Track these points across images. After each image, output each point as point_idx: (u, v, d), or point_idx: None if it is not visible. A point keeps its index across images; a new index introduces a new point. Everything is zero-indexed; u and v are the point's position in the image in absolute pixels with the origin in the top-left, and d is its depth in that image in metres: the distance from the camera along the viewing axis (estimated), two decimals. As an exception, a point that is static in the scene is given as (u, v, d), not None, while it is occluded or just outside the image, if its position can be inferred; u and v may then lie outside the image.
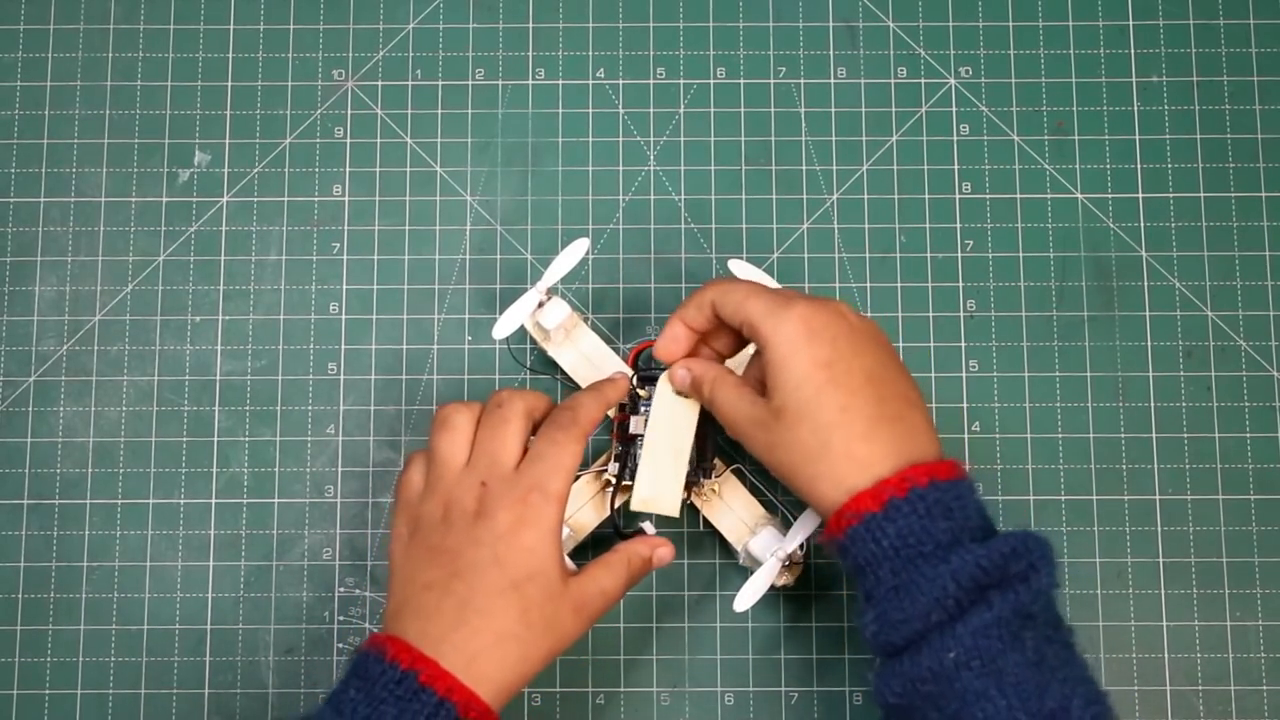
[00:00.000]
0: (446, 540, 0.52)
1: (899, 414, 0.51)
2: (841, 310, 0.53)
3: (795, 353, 0.51)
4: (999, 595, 0.47)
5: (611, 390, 0.57)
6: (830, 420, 0.50)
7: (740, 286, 0.54)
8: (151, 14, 0.67)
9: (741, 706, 0.62)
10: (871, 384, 0.51)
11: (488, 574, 0.51)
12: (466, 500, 0.53)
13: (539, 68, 0.67)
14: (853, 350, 0.51)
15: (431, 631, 0.51)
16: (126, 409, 0.64)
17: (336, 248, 0.66)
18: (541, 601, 0.52)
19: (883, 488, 0.49)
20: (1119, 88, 0.67)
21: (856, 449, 0.50)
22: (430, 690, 0.49)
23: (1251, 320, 0.65)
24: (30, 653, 0.62)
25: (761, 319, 0.52)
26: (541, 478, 0.53)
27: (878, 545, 0.49)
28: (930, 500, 0.49)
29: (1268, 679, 0.62)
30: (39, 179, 0.66)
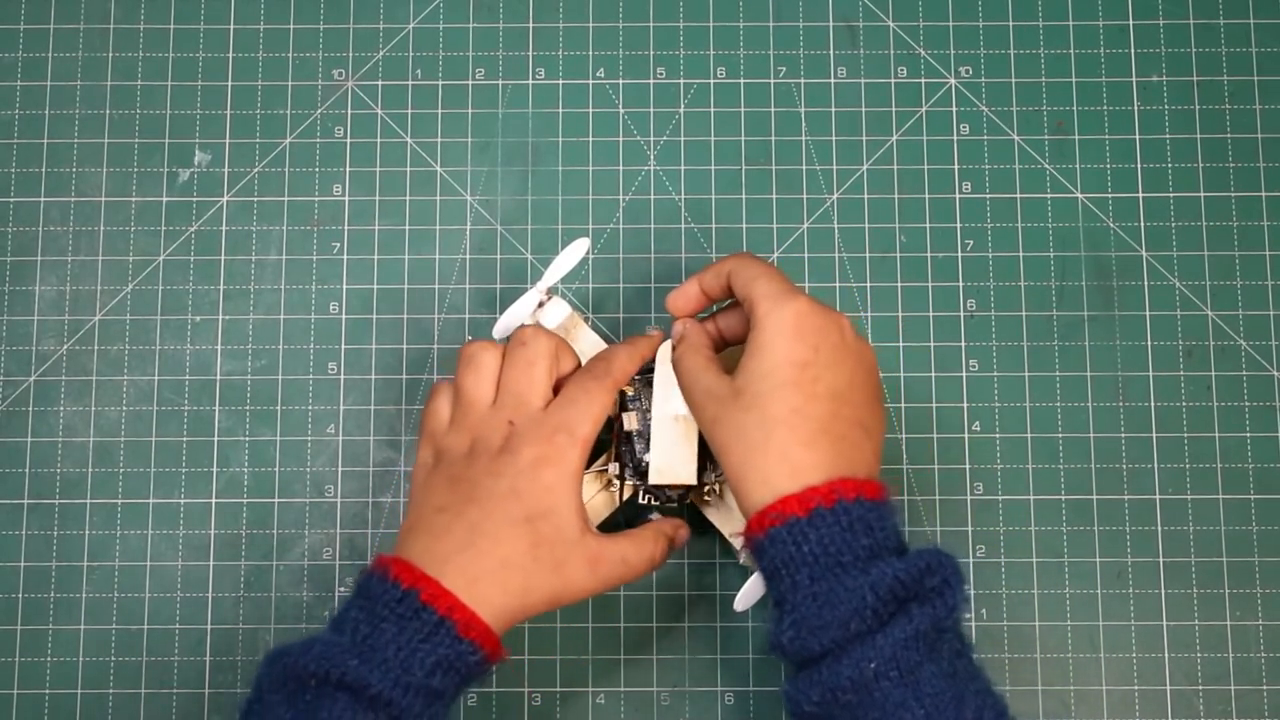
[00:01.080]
0: (468, 471, 0.53)
1: (846, 433, 0.51)
2: (840, 324, 0.53)
3: (776, 342, 0.52)
4: (918, 608, 0.48)
5: (645, 345, 0.57)
6: (779, 416, 0.51)
7: (758, 265, 0.54)
8: (151, 14, 0.67)
9: (741, 706, 0.62)
10: (833, 399, 0.51)
11: (503, 503, 0.52)
12: (493, 437, 0.54)
13: (539, 67, 0.67)
14: (831, 362, 0.52)
15: (437, 551, 0.51)
16: (126, 409, 0.64)
17: (336, 248, 0.66)
18: (553, 540, 0.52)
19: (810, 495, 0.50)
20: (1119, 87, 0.67)
21: (794, 452, 0.50)
22: (430, 609, 0.50)
23: (1251, 320, 0.65)
24: (30, 653, 0.62)
25: (761, 299, 0.53)
26: (570, 420, 0.53)
27: (798, 549, 0.49)
28: (855, 515, 0.49)
29: (1268, 678, 0.62)
30: (39, 179, 0.66)
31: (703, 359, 0.55)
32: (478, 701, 0.62)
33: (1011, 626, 0.63)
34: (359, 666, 0.48)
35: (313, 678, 0.49)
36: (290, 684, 0.49)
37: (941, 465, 0.64)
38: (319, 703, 0.48)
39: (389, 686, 0.48)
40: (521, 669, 0.62)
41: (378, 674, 0.48)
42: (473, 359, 0.56)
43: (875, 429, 0.53)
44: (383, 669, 0.49)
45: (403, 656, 0.49)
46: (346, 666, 0.48)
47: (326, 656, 0.49)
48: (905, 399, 0.64)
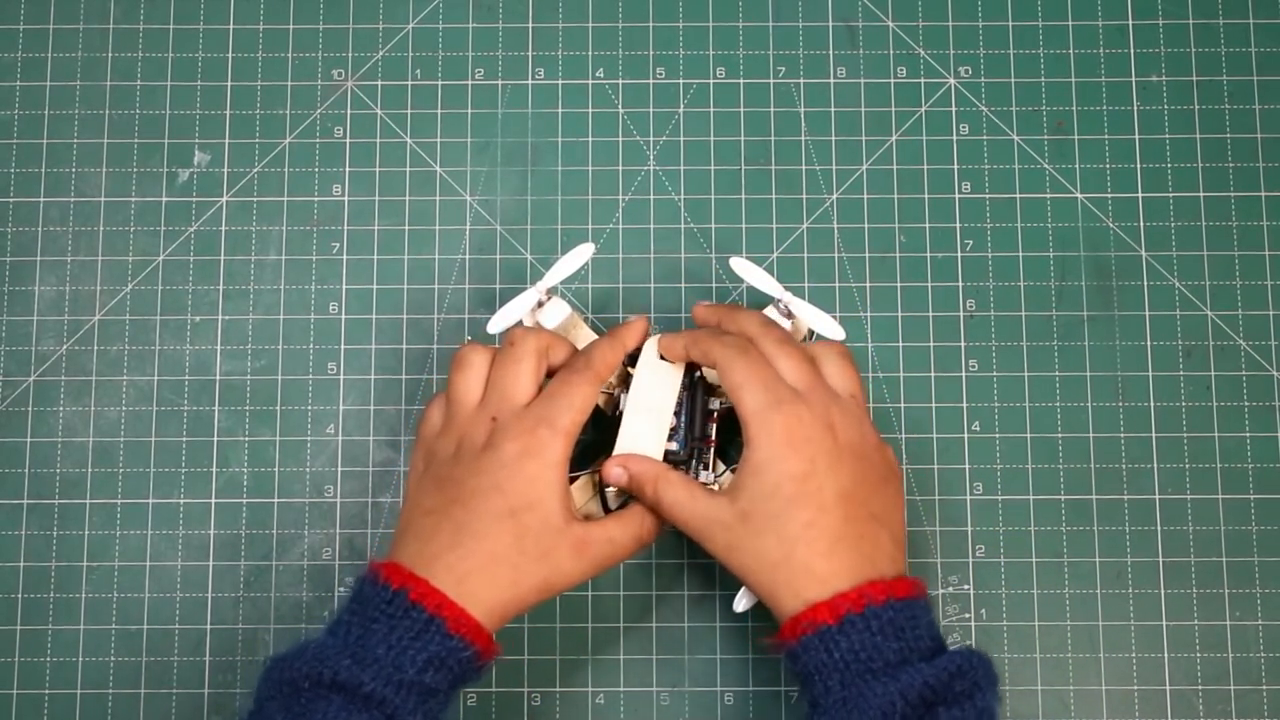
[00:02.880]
0: (453, 471, 0.54)
1: (864, 533, 0.52)
2: (832, 423, 0.53)
3: (773, 462, 0.53)
4: (945, 711, 0.49)
5: (628, 334, 0.58)
6: (794, 534, 0.52)
7: (741, 366, 0.54)
8: (151, 14, 0.67)
9: (741, 706, 0.62)
10: (842, 502, 0.52)
11: (487, 500, 0.52)
12: (477, 435, 0.54)
13: (539, 67, 0.67)
14: (830, 466, 0.53)
15: (426, 552, 0.52)
16: (126, 409, 0.64)
17: (336, 248, 0.66)
18: (539, 531, 0.52)
19: (840, 602, 0.51)
20: (1119, 87, 0.67)
21: (817, 565, 0.52)
22: (420, 607, 0.50)
23: (1251, 320, 0.65)
24: (30, 653, 0.62)
25: (750, 416, 0.53)
26: (550, 413, 0.54)
27: (829, 656, 0.50)
28: (885, 619, 0.50)
29: (1267, 678, 0.62)
30: (39, 179, 0.66)
31: (683, 487, 0.55)
32: (478, 702, 0.62)
33: (1011, 626, 0.63)
34: (351, 666, 0.49)
35: (306, 680, 0.49)
36: (285, 689, 0.50)
37: (941, 465, 0.64)
38: (314, 705, 0.49)
39: (381, 684, 0.49)
40: (521, 669, 0.62)
41: (370, 672, 0.49)
42: (463, 360, 0.57)
43: (889, 514, 0.54)
44: (374, 668, 0.49)
45: (394, 655, 0.49)
46: (339, 666, 0.49)
47: (319, 658, 0.49)
48: (905, 399, 0.64)
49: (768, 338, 0.56)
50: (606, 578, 0.63)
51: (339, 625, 0.51)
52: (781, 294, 0.60)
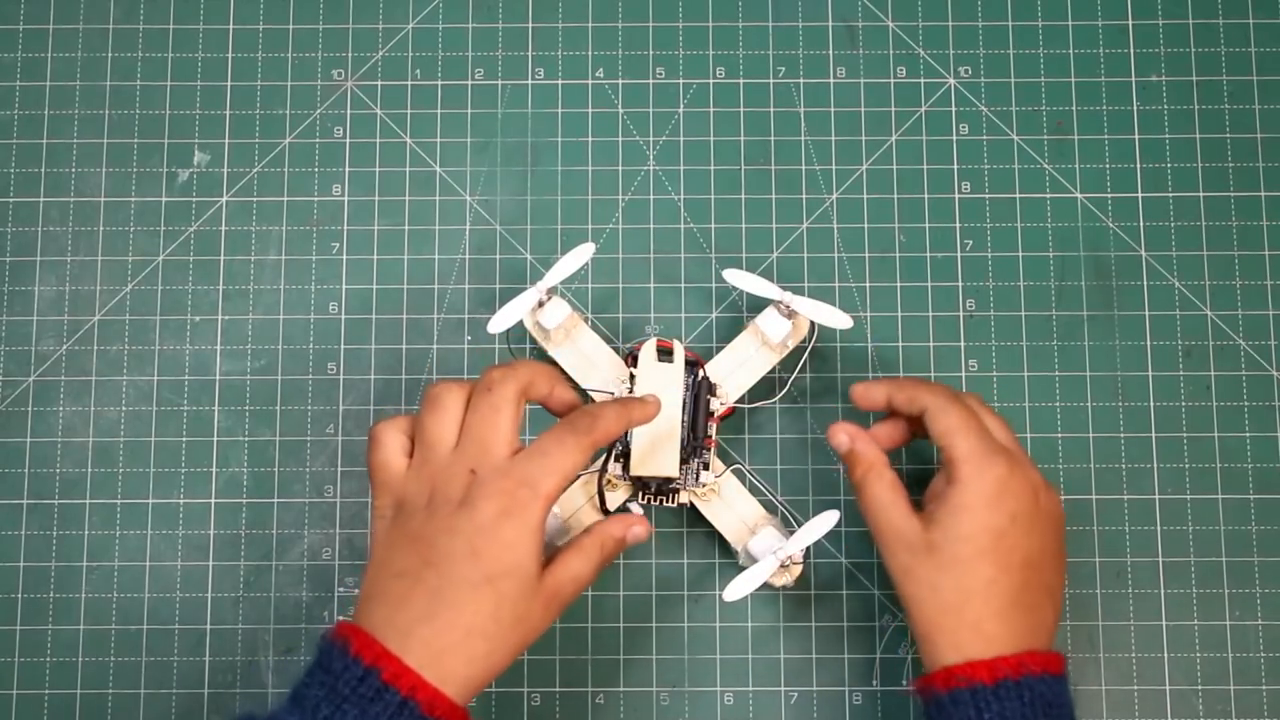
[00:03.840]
0: (425, 528, 0.51)
1: (1036, 603, 0.53)
2: (1036, 485, 0.54)
3: (978, 509, 0.53)
4: None
5: (639, 411, 0.56)
6: (975, 588, 0.52)
7: (956, 414, 0.55)
8: (151, 14, 0.67)
9: (741, 706, 0.62)
10: (1026, 568, 0.53)
11: (462, 565, 0.50)
12: (452, 487, 0.51)
13: (538, 67, 0.67)
14: (1026, 530, 0.53)
15: (399, 622, 0.50)
16: (126, 409, 0.64)
17: (336, 248, 0.66)
18: (515, 598, 0.50)
19: (1000, 665, 0.51)
20: (1118, 87, 0.67)
21: (987, 625, 0.52)
22: (393, 689, 0.48)
23: (1251, 319, 0.65)
24: (30, 653, 0.62)
25: (964, 460, 0.54)
26: (535, 475, 0.51)
27: (978, 715, 0.51)
28: (1037, 692, 0.51)
29: (1267, 678, 0.62)
30: (38, 179, 0.66)
31: (890, 490, 0.55)
32: (477, 702, 0.62)
33: (1011, 626, 0.63)
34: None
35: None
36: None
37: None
38: None
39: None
40: (521, 669, 0.62)
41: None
42: (437, 400, 0.53)
43: (1059, 590, 0.55)
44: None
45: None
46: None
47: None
48: (904, 399, 0.64)
49: (970, 397, 0.57)
50: (607, 578, 0.63)
51: (307, 699, 0.49)
52: (780, 295, 0.60)
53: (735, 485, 0.61)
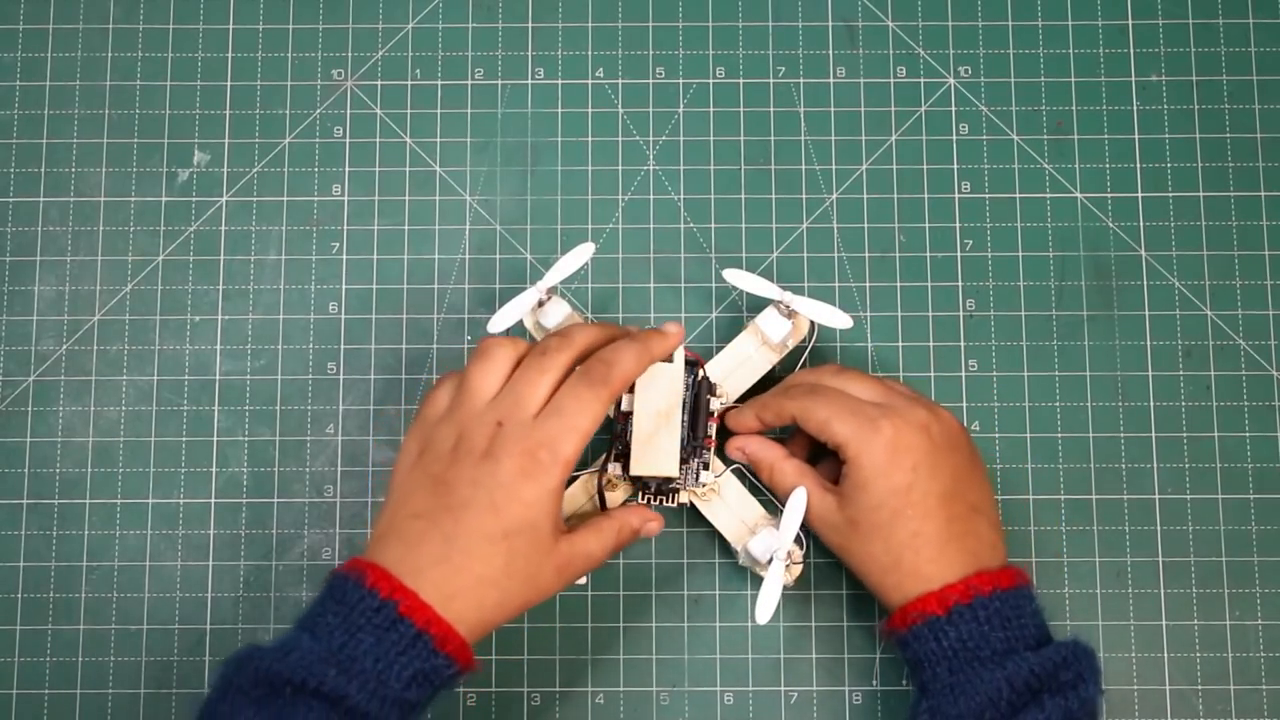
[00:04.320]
0: (448, 472, 0.52)
1: (966, 529, 0.55)
2: (926, 425, 0.55)
3: (876, 477, 0.55)
4: (1050, 699, 0.51)
5: (658, 344, 0.56)
6: (902, 542, 0.54)
7: (822, 404, 0.56)
8: (151, 14, 0.67)
9: (741, 706, 0.62)
10: (944, 504, 0.55)
11: (481, 517, 0.51)
12: (478, 436, 0.52)
13: (538, 67, 0.67)
14: (930, 472, 0.55)
15: (412, 561, 0.51)
16: (126, 409, 0.64)
17: (336, 247, 0.66)
18: (528, 555, 0.51)
19: (949, 593, 0.53)
20: (1118, 87, 0.67)
21: (926, 569, 0.54)
22: (409, 621, 0.49)
23: (1251, 319, 0.65)
24: (30, 653, 0.62)
25: (848, 440, 0.55)
26: (555, 436, 0.52)
27: (938, 645, 0.53)
28: (991, 609, 0.53)
29: (1267, 678, 0.62)
30: (38, 179, 0.66)
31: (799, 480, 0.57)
32: (477, 702, 0.62)
33: (1011, 626, 0.63)
34: (337, 677, 0.48)
35: (288, 684, 0.48)
36: (260, 688, 0.49)
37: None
38: (293, 710, 0.48)
39: (365, 699, 0.48)
40: (521, 669, 0.62)
41: (355, 685, 0.48)
42: (487, 352, 0.54)
43: (985, 500, 0.56)
44: (360, 680, 0.48)
45: (380, 668, 0.49)
46: (325, 676, 0.48)
47: (304, 665, 0.48)
48: (904, 399, 0.64)
49: (824, 373, 0.59)
50: (607, 578, 0.63)
51: (320, 627, 0.50)
52: (780, 295, 0.60)
53: (735, 485, 0.61)
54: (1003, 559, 0.56)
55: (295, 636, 0.50)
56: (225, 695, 0.49)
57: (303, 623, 0.51)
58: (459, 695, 0.62)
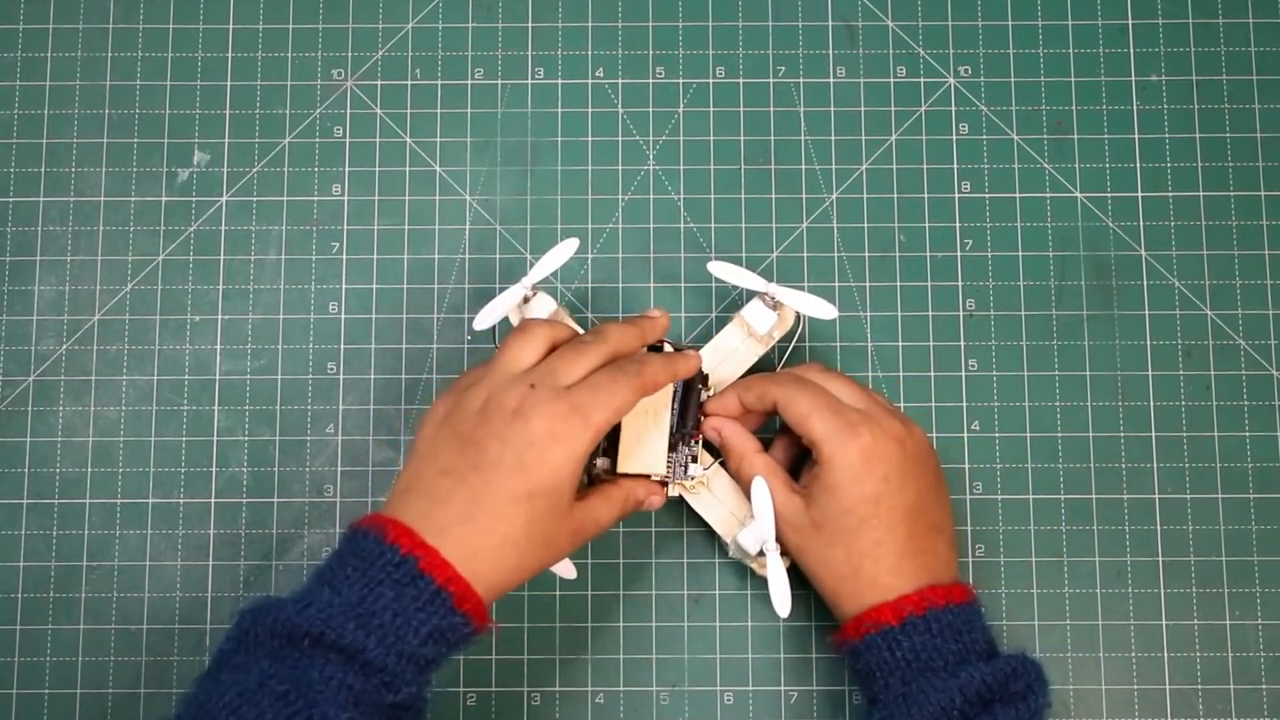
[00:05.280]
0: (477, 431, 0.52)
1: (925, 546, 0.55)
2: (901, 438, 0.56)
3: (849, 484, 0.55)
4: (1002, 709, 0.52)
5: (683, 365, 0.58)
6: (863, 550, 0.55)
7: (804, 397, 0.57)
8: (151, 14, 0.67)
9: (741, 706, 0.62)
10: (908, 518, 0.55)
11: (508, 476, 0.51)
12: (509, 398, 0.53)
13: (538, 67, 0.67)
14: (900, 485, 0.55)
15: (437, 517, 0.51)
16: (126, 409, 0.64)
17: (336, 247, 0.66)
18: (547, 518, 0.52)
19: (903, 604, 0.54)
20: (1118, 87, 0.67)
21: (883, 579, 0.54)
22: (429, 577, 0.49)
23: (1251, 319, 0.65)
24: (30, 653, 0.62)
25: (823, 441, 0.56)
26: (588, 403, 0.52)
27: (891, 655, 0.53)
28: (945, 621, 0.53)
29: (1267, 678, 0.62)
30: (38, 179, 0.66)
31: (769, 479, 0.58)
32: (477, 702, 0.62)
33: (1011, 626, 0.63)
34: (355, 630, 0.48)
35: (306, 636, 0.48)
36: (278, 639, 0.49)
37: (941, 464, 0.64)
38: (310, 662, 0.48)
39: (383, 653, 0.48)
40: (521, 669, 0.62)
41: (374, 639, 0.48)
42: (528, 330, 0.56)
43: (946, 522, 0.57)
44: (378, 634, 0.48)
45: (398, 624, 0.49)
46: (344, 629, 0.48)
47: (322, 618, 0.48)
48: (904, 399, 0.64)
49: (811, 370, 0.59)
50: (607, 577, 0.63)
51: (340, 580, 0.50)
52: (765, 286, 0.60)
53: (724, 479, 0.61)
54: (955, 575, 0.56)
55: (314, 589, 0.50)
56: (241, 645, 0.50)
57: (321, 576, 0.51)
58: (459, 695, 0.62)
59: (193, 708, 0.48)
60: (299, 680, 0.47)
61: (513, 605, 0.63)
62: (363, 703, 0.48)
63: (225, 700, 0.47)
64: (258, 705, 0.47)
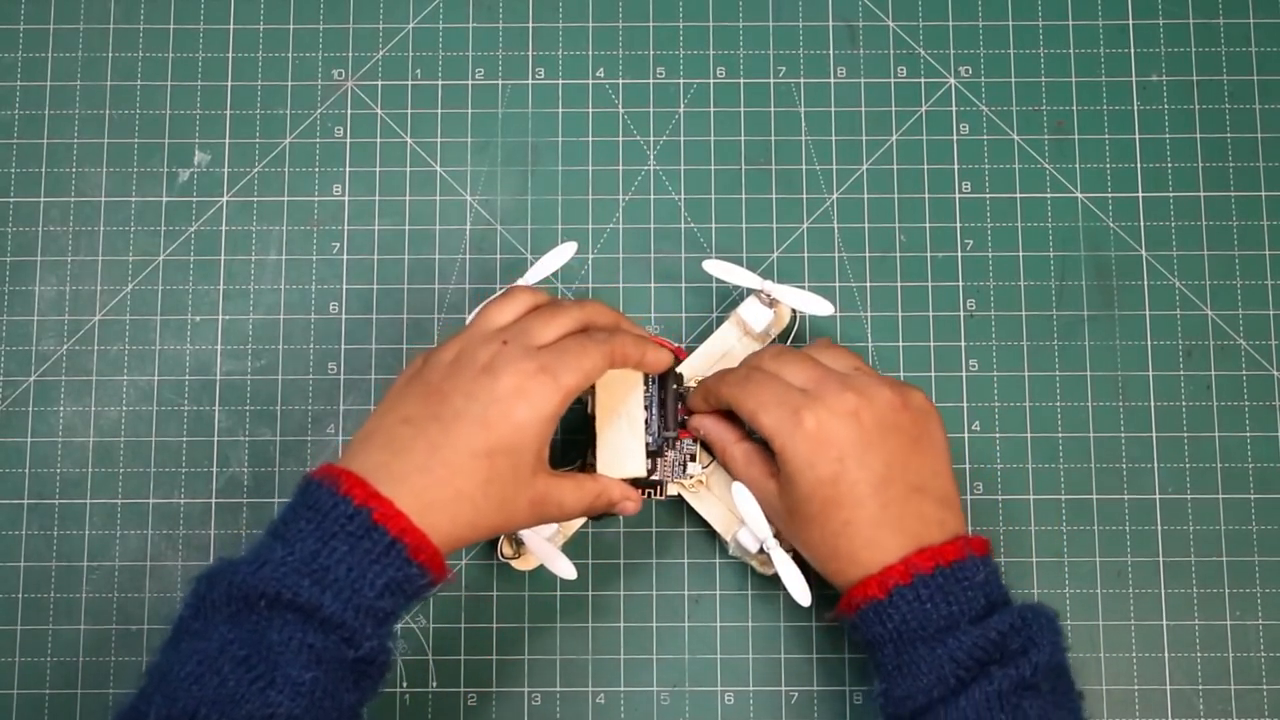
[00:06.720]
0: (444, 384, 0.52)
1: (904, 511, 0.53)
2: (854, 410, 0.54)
3: (804, 472, 0.54)
4: (999, 670, 0.50)
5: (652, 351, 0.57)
6: (835, 531, 0.54)
7: (751, 393, 0.56)
8: (151, 14, 0.67)
9: (741, 706, 0.62)
10: (876, 491, 0.53)
11: (469, 430, 0.51)
12: (481, 353, 0.53)
13: (539, 67, 0.67)
14: (859, 459, 0.53)
15: (394, 467, 0.50)
16: (126, 409, 0.64)
17: (336, 247, 0.66)
18: (505, 479, 0.51)
19: (888, 575, 0.52)
20: (1119, 87, 0.67)
21: (861, 555, 0.53)
22: (383, 529, 0.48)
23: (1251, 319, 0.65)
24: (31, 653, 0.62)
25: (773, 435, 0.54)
26: (557, 364, 0.52)
27: (883, 628, 0.52)
28: (934, 586, 0.52)
29: (1267, 678, 0.62)
30: (39, 179, 0.66)
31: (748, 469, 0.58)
32: (478, 702, 0.62)
33: (1011, 626, 0.63)
34: (311, 587, 0.47)
35: (262, 597, 0.47)
36: (235, 603, 0.48)
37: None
38: (269, 623, 0.47)
39: (340, 608, 0.47)
40: (521, 669, 0.62)
41: (330, 595, 0.47)
42: (510, 293, 0.56)
43: (929, 477, 0.55)
44: (334, 590, 0.48)
45: (353, 578, 0.48)
46: (299, 587, 0.47)
47: (277, 577, 0.48)
48: (905, 399, 0.64)
49: (763, 356, 0.58)
50: (607, 577, 0.63)
51: (293, 534, 0.49)
52: (760, 284, 0.60)
53: (723, 477, 0.61)
54: (952, 531, 0.54)
55: (267, 545, 0.49)
56: (199, 612, 0.49)
57: (274, 530, 0.50)
58: (460, 695, 0.62)
59: (155, 678, 0.48)
60: (259, 643, 0.47)
61: (513, 605, 0.63)
62: (325, 660, 0.47)
63: (187, 670, 0.47)
64: (220, 672, 0.46)
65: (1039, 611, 0.52)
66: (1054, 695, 0.51)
